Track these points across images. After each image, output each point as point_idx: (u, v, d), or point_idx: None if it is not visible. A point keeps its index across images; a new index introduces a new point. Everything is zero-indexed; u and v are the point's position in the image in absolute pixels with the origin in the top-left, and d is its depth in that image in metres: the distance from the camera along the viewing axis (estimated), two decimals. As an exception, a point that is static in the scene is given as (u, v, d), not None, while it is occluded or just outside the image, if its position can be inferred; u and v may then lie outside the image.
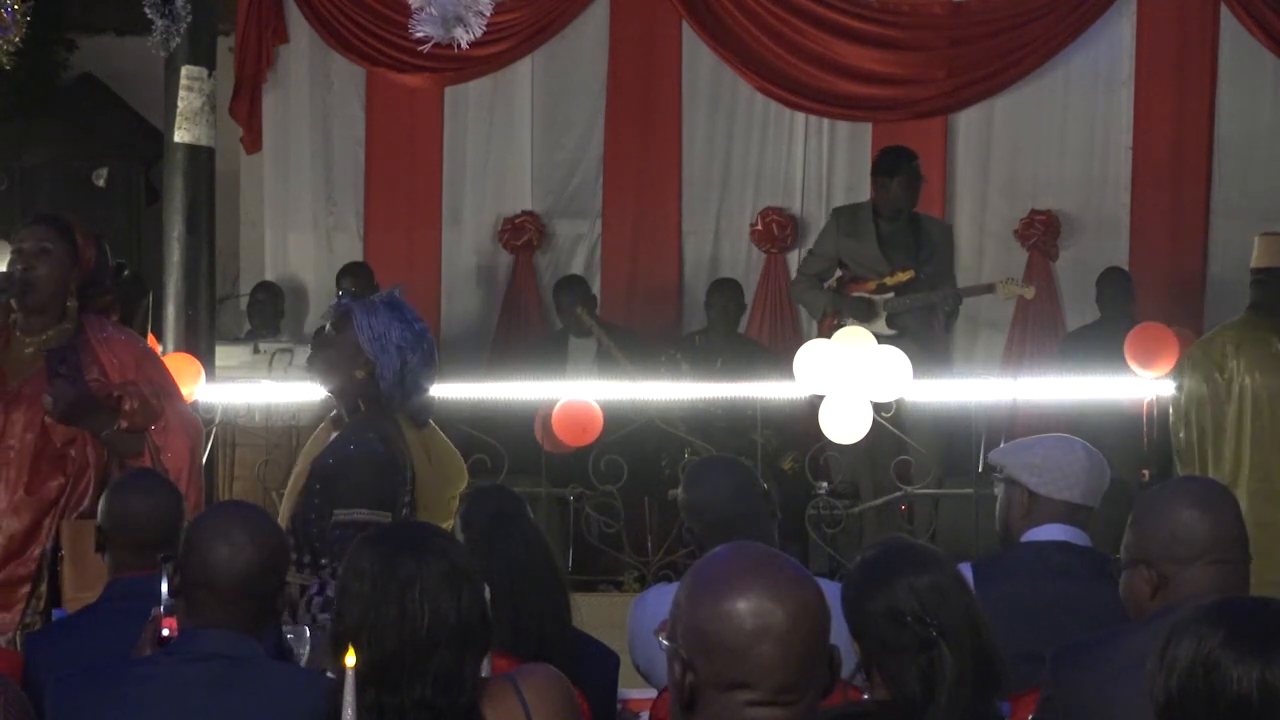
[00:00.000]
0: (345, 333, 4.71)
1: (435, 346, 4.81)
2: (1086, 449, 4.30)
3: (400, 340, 4.65)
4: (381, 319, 4.67)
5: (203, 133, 7.70)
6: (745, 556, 2.41)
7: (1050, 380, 8.12)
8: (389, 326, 4.66)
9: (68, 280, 5.10)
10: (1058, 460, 4.25)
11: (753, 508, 4.23)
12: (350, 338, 4.68)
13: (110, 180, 10.19)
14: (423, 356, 4.69)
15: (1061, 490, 4.21)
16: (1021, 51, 9.58)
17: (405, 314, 4.71)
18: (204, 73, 7.64)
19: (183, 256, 7.65)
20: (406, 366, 4.65)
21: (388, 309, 4.71)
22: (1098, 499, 4.27)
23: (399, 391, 4.67)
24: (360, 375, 4.66)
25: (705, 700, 2.35)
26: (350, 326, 4.69)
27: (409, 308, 4.75)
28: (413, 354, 4.66)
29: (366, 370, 4.66)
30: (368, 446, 4.56)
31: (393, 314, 4.69)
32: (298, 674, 3.35)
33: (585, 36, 9.87)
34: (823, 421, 7.35)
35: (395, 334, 4.66)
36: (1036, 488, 4.23)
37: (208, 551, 3.28)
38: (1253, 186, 9.45)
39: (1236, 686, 2.33)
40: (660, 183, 9.82)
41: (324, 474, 4.58)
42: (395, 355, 4.64)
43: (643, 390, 7.95)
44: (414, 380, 4.68)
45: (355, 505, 4.46)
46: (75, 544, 4.80)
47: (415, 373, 4.68)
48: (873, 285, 8.36)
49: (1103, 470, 4.29)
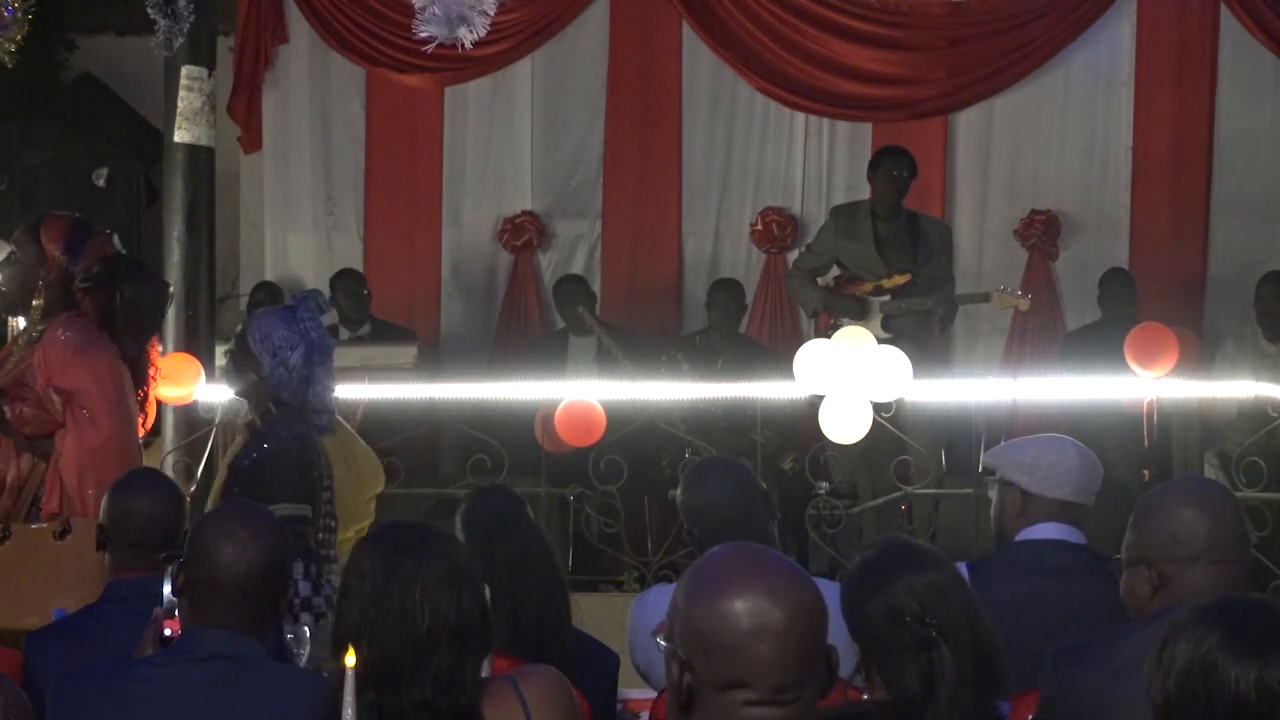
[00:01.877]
0: (242, 338, 5.01)
1: (330, 351, 5.05)
2: (1077, 447, 4.32)
3: (281, 341, 4.91)
4: (268, 322, 4.98)
5: (203, 133, 7.71)
6: (742, 557, 2.41)
7: (1050, 380, 8.11)
8: (274, 329, 4.94)
9: (31, 281, 5.20)
10: (1049, 459, 4.28)
11: (753, 509, 4.23)
12: (245, 342, 4.98)
13: (110, 180, 10.19)
14: (303, 356, 4.92)
15: (1053, 489, 4.24)
16: (1021, 51, 9.57)
17: (295, 315, 4.97)
18: (204, 73, 7.64)
19: (183, 256, 7.66)
20: (286, 364, 4.90)
21: (277, 313, 5.04)
22: (1091, 496, 4.28)
23: (292, 390, 4.91)
24: (254, 378, 4.94)
25: (703, 700, 2.35)
26: (245, 335, 5.00)
27: (307, 311, 4.99)
28: (291, 352, 4.91)
29: (258, 372, 4.92)
30: (281, 443, 4.79)
31: (280, 317, 4.99)
32: (298, 674, 3.35)
33: (585, 36, 9.87)
34: (823, 421, 7.35)
35: (277, 336, 4.92)
36: (1029, 487, 4.27)
37: (212, 552, 3.28)
38: (1253, 186, 9.45)
39: (1234, 687, 2.33)
40: (660, 183, 9.82)
41: (242, 474, 4.79)
42: (275, 355, 4.90)
43: (643, 390, 7.95)
44: (300, 381, 4.92)
45: (276, 500, 4.59)
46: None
47: (298, 371, 4.91)
48: (869, 287, 8.37)
49: (1094, 468, 4.31)
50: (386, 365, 8.21)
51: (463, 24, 5.89)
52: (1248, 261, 9.27)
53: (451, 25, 5.90)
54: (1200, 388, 7.85)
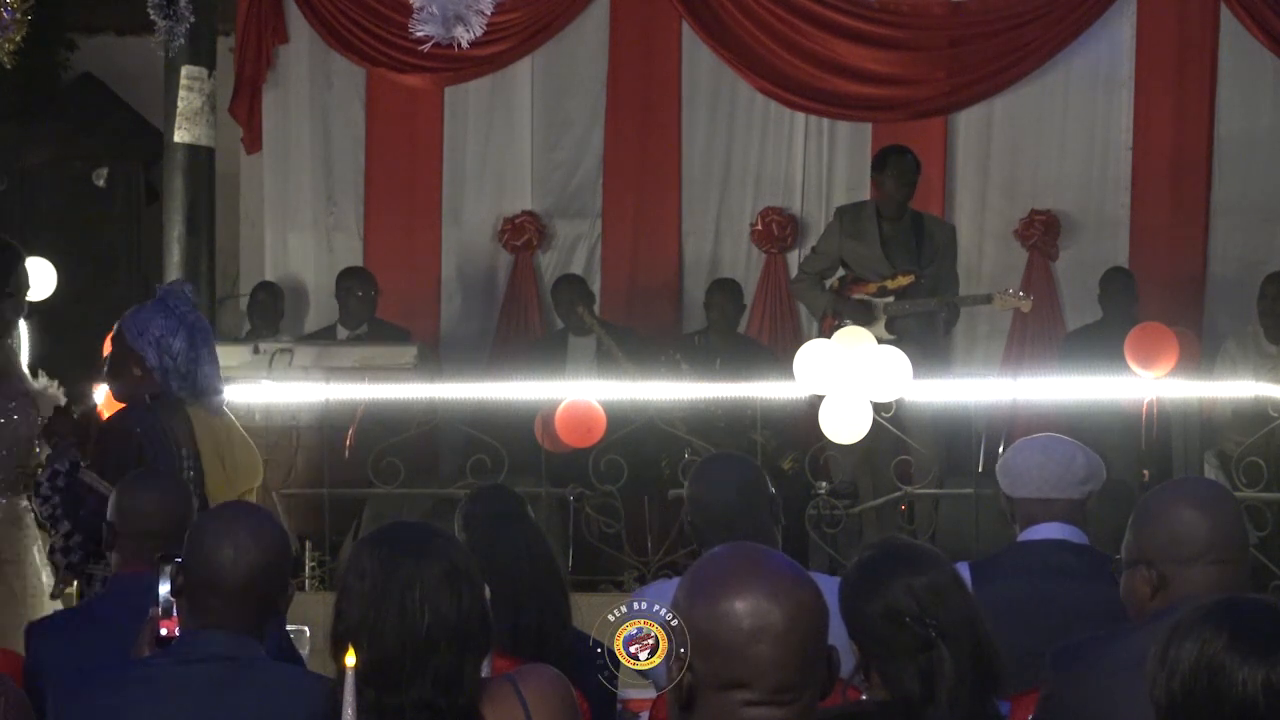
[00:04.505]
0: (118, 340, 5.07)
1: (209, 333, 5.14)
2: (1044, 444, 4.38)
3: (161, 330, 4.99)
4: (142, 317, 5.05)
5: (203, 133, 7.73)
6: (743, 557, 2.41)
7: (1050, 380, 8.11)
8: (150, 320, 5.02)
9: None
10: (1016, 459, 4.37)
11: (757, 508, 4.22)
12: (121, 342, 5.05)
13: (110, 180, 10.19)
14: (186, 339, 5.00)
15: (1021, 488, 4.31)
16: (1021, 51, 9.57)
17: (169, 305, 5.05)
18: (204, 73, 7.66)
19: (183, 256, 7.68)
20: (169, 351, 4.98)
21: (149, 307, 5.10)
22: (1074, 488, 4.29)
23: (178, 379, 4.99)
24: (138, 373, 5.01)
25: (703, 700, 2.35)
26: (122, 334, 5.06)
27: (181, 300, 5.08)
28: (174, 338, 4.98)
29: (140, 366, 5.00)
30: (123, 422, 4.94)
31: (153, 309, 5.06)
32: (298, 675, 3.35)
33: (585, 36, 9.87)
34: (823, 421, 7.34)
35: (155, 326, 5.00)
36: (1009, 491, 4.36)
37: (212, 553, 3.28)
38: (1253, 186, 9.45)
39: (1241, 689, 2.32)
40: (660, 183, 9.82)
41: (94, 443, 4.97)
42: (155, 343, 4.98)
43: (643, 390, 7.94)
44: (186, 363, 5.00)
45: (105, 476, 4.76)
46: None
47: (183, 355, 4.99)
48: (873, 287, 8.37)
49: (1066, 458, 4.32)
50: (386, 365, 8.20)
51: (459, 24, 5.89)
52: (1248, 261, 9.27)
53: (448, 25, 5.90)
54: (1200, 388, 7.85)
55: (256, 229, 10.18)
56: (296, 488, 7.72)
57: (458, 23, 5.86)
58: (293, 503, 7.63)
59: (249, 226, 10.27)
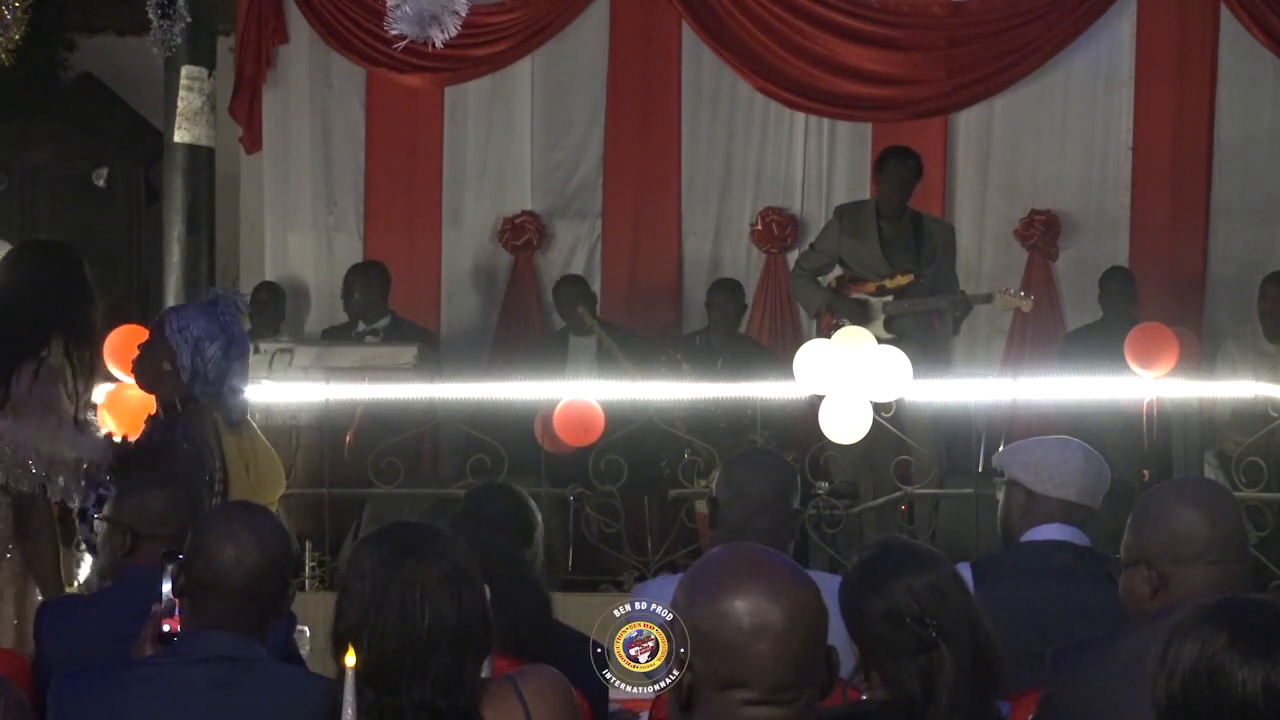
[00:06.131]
0: (157, 330, 5.06)
1: (246, 348, 5.13)
2: (1084, 449, 4.33)
3: (201, 331, 4.98)
4: (188, 314, 5.07)
5: (203, 133, 7.72)
6: (743, 557, 2.42)
7: (1050, 380, 8.11)
8: (194, 320, 5.02)
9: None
10: (1054, 459, 4.29)
11: (782, 512, 4.23)
12: (159, 333, 5.04)
13: (110, 180, 10.20)
14: (222, 348, 4.99)
15: (1057, 489, 4.24)
16: (1021, 51, 9.57)
17: (215, 310, 5.04)
18: (204, 73, 7.66)
19: (183, 256, 7.68)
20: (203, 355, 4.96)
21: (197, 306, 5.14)
22: (1096, 499, 4.28)
23: (201, 381, 4.97)
24: (167, 367, 4.98)
25: (703, 699, 2.35)
26: (162, 324, 5.06)
27: (228, 309, 5.06)
28: (210, 343, 4.97)
29: (171, 361, 4.97)
30: (169, 434, 4.91)
31: (201, 310, 5.06)
32: (299, 675, 3.35)
33: (585, 36, 9.87)
34: (823, 421, 7.35)
35: (196, 326, 4.99)
36: (1033, 486, 4.27)
37: (214, 553, 3.28)
38: (1253, 186, 9.44)
39: (1242, 689, 2.32)
40: (660, 183, 9.82)
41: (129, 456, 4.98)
42: (191, 344, 4.96)
43: (643, 390, 7.94)
44: (216, 371, 4.98)
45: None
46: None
47: (215, 363, 4.97)
48: (872, 287, 8.37)
49: (1100, 471, 4.31)
50: (386, 365, 8.20)
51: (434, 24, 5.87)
52: (1248, 261, 9.26)
53: (423, 25, 5.87)
54: (1200, 387, 7.85)
55: (256, 229, 10.19)
56: (296, 488, 7.72)
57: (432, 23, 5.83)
58: (293, 503, 7.61)
59: (249, 226, 10.28)
